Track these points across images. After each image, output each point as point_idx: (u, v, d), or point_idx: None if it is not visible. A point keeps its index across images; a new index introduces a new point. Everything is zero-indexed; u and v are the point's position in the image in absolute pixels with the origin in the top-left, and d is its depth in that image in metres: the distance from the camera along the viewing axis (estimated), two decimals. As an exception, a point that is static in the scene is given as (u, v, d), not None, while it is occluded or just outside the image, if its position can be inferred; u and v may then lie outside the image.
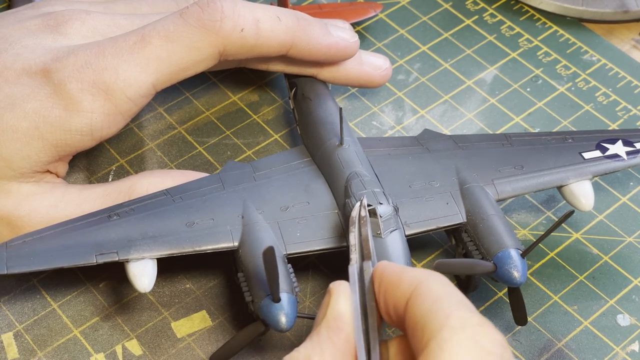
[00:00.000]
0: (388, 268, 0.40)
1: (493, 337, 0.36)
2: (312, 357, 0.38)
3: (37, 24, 0.53)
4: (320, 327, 0.39)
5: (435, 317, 0.36)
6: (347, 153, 0.52)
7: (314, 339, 0.39)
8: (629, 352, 0.50)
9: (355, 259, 0.42)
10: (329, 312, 0.39)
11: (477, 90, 0.62)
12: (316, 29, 0.54)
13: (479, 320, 0.36)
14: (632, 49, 0.65)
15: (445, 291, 0.38)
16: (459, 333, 0.35)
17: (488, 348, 0.35)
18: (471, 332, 0.35)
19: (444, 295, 0.37)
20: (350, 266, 0.42)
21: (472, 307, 0.37)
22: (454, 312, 0.36)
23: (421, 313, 0.37)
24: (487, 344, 0.35)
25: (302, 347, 0.39)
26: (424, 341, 0.36)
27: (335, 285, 0.40)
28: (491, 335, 0.36)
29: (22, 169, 0.50)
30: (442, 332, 0.35)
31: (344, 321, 0.39)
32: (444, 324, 0.36)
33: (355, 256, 0.42)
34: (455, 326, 0.35)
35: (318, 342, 0.39)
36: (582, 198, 0.52)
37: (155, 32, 0.51)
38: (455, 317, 0.36)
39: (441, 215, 0.51)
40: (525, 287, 0.52)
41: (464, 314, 0.36)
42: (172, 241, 0.49)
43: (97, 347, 0.50)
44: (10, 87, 0.50)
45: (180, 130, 0.60)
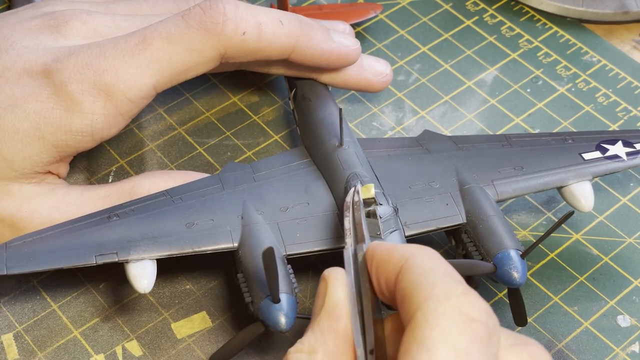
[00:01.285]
0: (379, 246, 0.40)
1: (478, 305, 0.36)
2: (317, 348, 0.38)
3: (38, 24, 0.53)
4: (320, 317, 0.39)
5: (421, 289, 0.36)
6: (347, 154, 0.52)
7: (316, 330, 0.39)
8: (629, 352, 0.50)
9: (350, 242, 0.42)
10: (327, 301, 0.39)
11: (477, 91, 0.62)
12: (318, 34, 0.54)
13: (464, 289, 0.36)
14: (632, 50, 0.65)
15: (433, 264, 0.38)
16: (443, 303, 0.35)
17: (473, 316, 0.36)
18: (455, 301, 0.36)
19: (431, 267, 0.37)
20: (345, 250, 0.42)
21: (459, 277, 0.38)
22: (439, 283, 0.36)
23: (409, 286, 0.37)
24: (471, 312, 0.36)
25: (305, 338, 0.39)
26: (411, 313, 0.36)
27: (330, 272, 0.40)
28: (476, 304, 0.36)
29: (24, 169, 0.50)
30: (427, 303, 0.36)
31: (343, 309, 0.39)
32: (429, 295, 0.36)
33: (350, 240, 0.42)
34: (439, 296, 0.36)
35: (320, 333, 0.39)
36: (582, 199, 0.52)
37: (156, 33, 0.51)
38: (439, 287, 0.36)
39: (441, 216, 0.51)
40: (525, 287, 0.52)
41: (449, 284, 0.36)
42: (172, 242, 0.49)
43: (97, 348, 0.50)
44: (11, 88, 0.50)
45: (181, 131, 0.60)
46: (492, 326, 0.36)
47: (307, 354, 0.38)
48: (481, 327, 0.36)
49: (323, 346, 0.38)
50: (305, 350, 0.38)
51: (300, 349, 0.39)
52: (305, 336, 0.39)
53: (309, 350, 0.38)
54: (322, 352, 0.38)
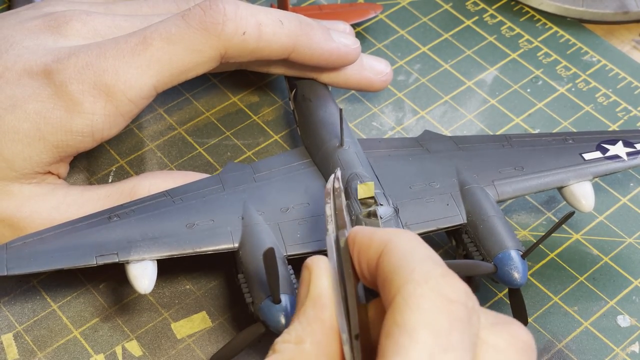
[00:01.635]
0: (360, 231, 0.40)
1: (456, 287, 0.36)
2: (304, 338, 0.38)
3: (38, 24, 0.53)
4: (306, 306, 0.39)
5: (400, 272, 0.36)
6: (347, 154, 0.52)
7: (302, 319, 0.39)
8: (629, 353, 0.50)
9: (331, 229, 0.42)
10: (312, 289, 0.39)
11: (477, 91, 0.62)
12: (318, 34, 0.54)
13: (442, 271, 0.36)
14: (632, 50, 0.65)
15: (412, 246, 0.38)
16: (422, 285, 0.35)
17: (451, 297, 0.36)
18: (434, 283, 0.36)
19: (411, 250, 0.37)
20: (327, 237, 0.41)
21: (439, 259, 0.38)
22: (417, 266, 0.36)
23: (389, 269, 0.37)
24: (450, 293, 0.36)
25: (292, 328, 0.39)
26: (391, 296, 0.36)
27: (313, 260, 0.40)
28: (454, 285, 0.36)
29: (24, 170, 0.50)
30: (406, 286, 0.36)
31: (328, 297, 0.39)
32: (408, 278, 0.36)
33: (331, 227, 0.42)
34: (418, 279, 0.36)
35: (307, 322, 0.39)
36: (583, 199, 0.52)
37: (156, 33, 0.51)
38: (418, 270, 0.36)
39: (441, 216, 0.51)
40: (525, 288, 0.52)
41: (427, 266, 0.36)
42: (172, 242, 0.49)
43: (97, 348, 0.50)
44: (11, 88, 0.50)
45: (180, 131, 0.60)
46: (472, 306, 0.36)
47: (295, 344, 0.38)
48: (460, 308, 0.36)
49: (310, 335, 0.38)
50: (293, 341, 0.38)
51: (288, 340, 0.38)
52: (292, 326, 0.39)
53: (297, 341, 0.38)
54: (310, 341, 0.38)
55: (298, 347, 0.38)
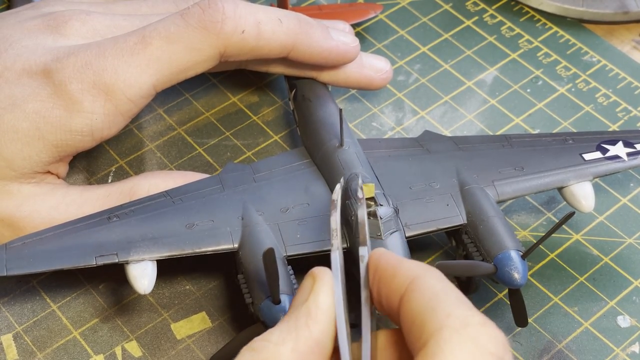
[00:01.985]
0: (384, 258, 0.39)
1: (495, 338, 0.35)
2: (286, 341, 0.37)
3: (37, 24, 0.53)
4: (299, 311, 0.38)
5: (434, 315, 0.35)
6: (347, 154, 0.52)
7: (291, 323, 0.38)
8: (629, 353, 0.50)
9: (336, 245, 0.41)
10: (311, 299, 0.38)
11: (477, 91, 0.62)
12: (317, 32, 0.54)
13: (480, 319, 0.35)
14: (632, 50, 0.65)
15: (444, 287, 0.37)
16: (459, 333, 0.34)
17: (489, 349, 0.35)
18: (473, 332, 0.35)
19: (443, 291, 0.36)
20: (332, 252, 0.40)
21: (471, 304, 0.37)
22: (455, 311, 0.35)
23: (419, 309, 0.36)
24: (488, 344, 0.35)
25: (277, 328, 0.38)
26: (423, 339, 0.35)
27: (320, 272, 0.39)
28: (493, 336, 0.35)
29: (23, 169, 0.50)
30: (442, 332, 0.34)
31: (325, 313, 0.38)
32: (443, 323, 0.35)
33: (336, 242, 0.41)
34: (455, 326, 0.35)
35: (295, 327, 0.38)
36: (583, 199, 0.52)
37: (156, 32, 0.51)
38: (455, 316, 0.35)
39: (441, 216, 0.51)
40: (525, 288, 0.51)
41: (465, 312, 0.35)
42: (172, 243, 0.48)
43: (96, 348, 0.50)
44: (10, 88, 0.50)
45: (180, 132, 0.60)
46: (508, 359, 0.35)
47: (274, 344, 0.37)
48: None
49: (294, 341, 0.37)
50: (273, 341, 0.37)
51: (268, 339, 0.38)
52: (277, 327, 0.38)
53: (277, 342, 0.37)
54: (291, 347, 0.37)
55: (276, 348, 0.37)
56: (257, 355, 0.37)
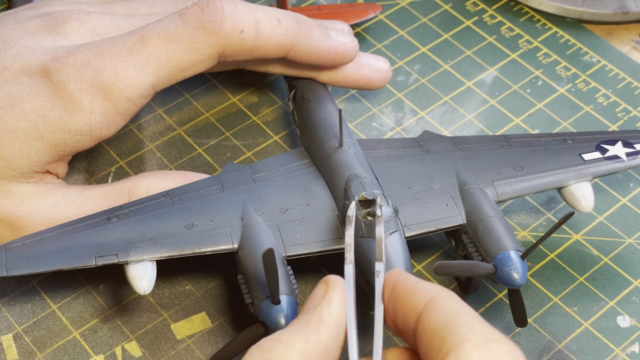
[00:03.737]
0: (402, 277, 0.40)
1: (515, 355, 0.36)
2: (295, 343, 0.38)
3: (36, 24, 0.53)
4: (311, 315, 0.39)
5: (455, 330, 0.36)
6: (347, 155, 0.52)
7: (301, 326, 0.38)
8: (629, 353, 0.50)
9: (350, 259, 0.42)
10: (323, 305, 0.39)
11: (477, 92, 0.62)
12: (316, 32, 0.54)
13: (501, 337, 0.36)
14: (632, 50, 0.65)
15: (463, 306, 0.38)
16: (481, 348, 0.35)
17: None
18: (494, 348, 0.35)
19: (463, 309, 0.37)
20: (346, 266, 0.41)
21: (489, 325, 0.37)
22: (476, 327, 0.36)
23: (439, 325, 0.37)
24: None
25: (287, 330, 0.38)
26: (443, 353, 0.35)
27: (334, 280, 0.40)
28: (513, 352, 0.36)
29: (22, 169, 0.50)
30: (463, 346, 0.35)
31: (336, 320, 0.39)
32: (465, 338, 0.35)
33: (350, 256, 0.42)
34: (477, 341, 0.35)
35: (305, 330, 0.38)
36: (582, 199, 0.52)
37: (154, 32, 0.51)
38: (477, 331, 0.36)
39: (441, 216, 0.51)
40: (525, 288, 0.52)
41: (486, 329, 0.36)
42: (172, 243, 0.48)
43: (96, 348, 0.50)
44: (9, 87, 0.50)
45: (180, 132, 0.60)
46: None
47: (283, 345, 0.37)
48: None
49: (302, 343, 0.38)
50: (282, 341, 0.38)
51: (277, 339, 0.38)
52: (287, 328, 0.39)
53: (286, 342, 0.38)
54: (299, 349, 0.37)
55: (284, 348, 0.37)
56: (265, 355, 0.37)
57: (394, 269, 0.41)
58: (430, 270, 0.53)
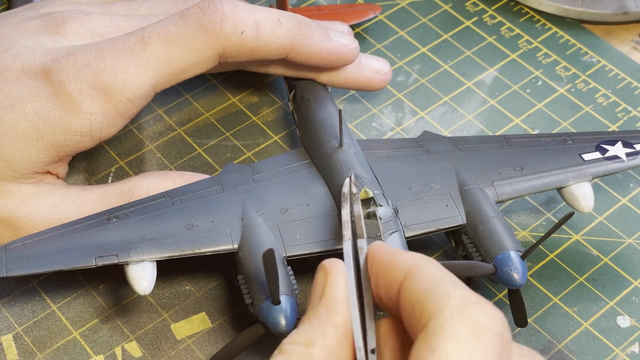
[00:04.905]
0: (382, 249, 0.39)
1: (494, 316, 0.36)
2: (314, 341, 0.37)
3: (37, 24, 0.53)
4: (319, 308, 0.38)
5: (434, 296, 0.36)
6: (347, 155, 0.52)
7: (314, 322, 0.38)
8: (629, 353, 0.50)
9: (348, 235, 0.41)
10: (327, 293, 0.39)
11: (477, 92, 0.62)
12: (317, 34, 0.54)
13: (479, 299, 0.36)
14: (631, 50, 0.65)
15: (442, 272, 0.37)
16: (459, 311, 0.35)
17: (489, 326, 0.35)
18: (472, 311, 0.35)
19: (442, 275, 0.37)
20: (344, 243, 0.41)
21: (467, 287, 0.37)
22: (454, 291, 0.36)
23: (419, 293, 0.36)
24: (488, 322, 0.35)
25: (302, 329, 0.38)
26: (424, 320, 0.35)
27: (331, 263, 0.40)
28: (492, 314, 0.36)
29: (22, 169, 0.50)
30: (442, 311, 0.35)
31: (344, 304, 0.38)
32: (444, 303, 0.35)
33: (348, 233, 0.41)
34: (455, 305, 0.35)
35: (318, 325, 0.38)
36: (582, 199, 0.52)
37: (155, 33, 0.51)
38: (455, 295, 0.36)
39: (441, 217, 0.51)
40: (525, 288, 0.52)
41: (464, 292, 0.36)
42: (172, 244, 0.49)
43: (96, 348, 0.50)
44: (9, 88, 0.50)
45: (180, 132, 0.60)
46: (507, 338, 0.36)
47: (304, 346, 0.37)
48: (497, 339, 0.35)
49: (321, 339, 0.37)
50: (302, 343, 0.37)
51: (296, 341, 0.38)
52: (302, 327, 0.38)
53: (306, 343, 0.37)
54: (320, 345, 0.37)
55: (307, 350, 0.37)
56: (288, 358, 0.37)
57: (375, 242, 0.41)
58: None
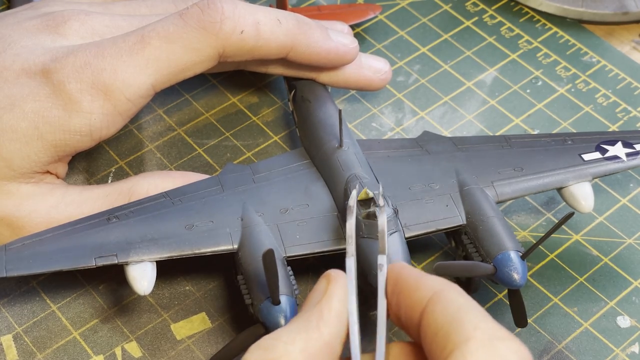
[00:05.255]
0: (405, 269, 0.39)
1: (521, 353, 0.35)
2: (296, 341, 0.37)
3: (36, 24, 0.53)
4: (311, 312, 0.38)
5: (460, 327, 0.36)
6: (347, 155, 0.52)
7: (301, 323, 0.38)
8: (629, 353, 0.50)
9: (351, 251, 0.41)
10: (324, 301, 0.39)
11: (477, 92, 0.62)
12: (316, 33, 0.54)
13: (506, 334, 0.36)
14: (632, 51, 0.65)
15: (468, 301, 0.37)
16: (486, 346, 0.35)
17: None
18: (499, 346, 0.35)
19: (468, 305, 0.37)
20: (348, 259, 0.41)
21: (493, 319, 0.37)
22: (481, 324, 0.36)
23: (443, 321, 0.36)
24: (514, 359, 0.35)
25: (288, 328, 0.38)
26: (447, 350, 0.35)
27: (336, 274, 0.40)
28: (519, 351, 0.35)
29: (22, 169, 0.50)
30: (468, 343, 0.35)
31: (337, 316, 0.38)
32: (470, 335, 0.35)
33: (351, 249, 0.41)
34: (482, 338, 0.35)
35: (305, 328, 0.38)
36: (582, 200, 0.52)
37: (154, 32, 0.51)
38: (482, 329, 0.35)
39: (441, 217, 0.51)
40: (525, 288, 0.52)
41: (491, 325, 0.36)
42: (172, 244, 0.48)
43: (96, 349, 0.50)
44: (9, 88, 0.50)
45: (180, 132, 0.60)
46: None
47: (284, 343, 0.37)
48: None
49: (303, 342, 0.37)
50: (283, 340, 0.37)
51: (278, 337, 0.38)
52: (288, 326, 0.38)
53: (287, 341, 0.37)
54: (300, 347, 0.37)
55: (285, 347, 0.37)
56: (266, 354, 0.37)
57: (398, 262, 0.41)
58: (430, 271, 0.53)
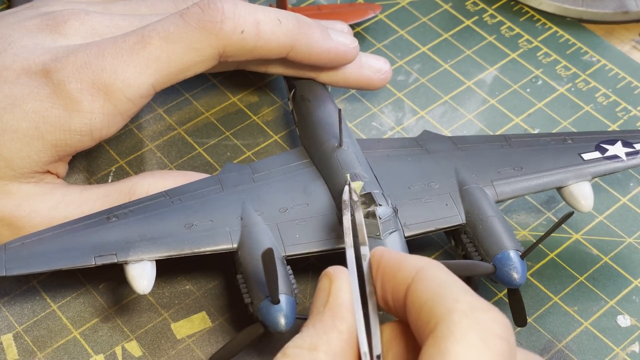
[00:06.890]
0: (386, 253, 0.40)
1: (501, 322, 0.36)
2: (319, 346, 0.38)
3: (36, 24, 0.53)
4: (324, 314, 0.39)
5: (442, 301, 0.36)
6: (346, 154, 0.52)
7: (318, 327, 0.38)
8: (629, 352, 0.50)
9: (349, 243, 0.42)
10: (332, 299, 0.39)
11: (477, 91, 0.62)
12: (317, 33, 0.54)
13: (487, 305, 0.36)
14: (632, 50, 0.65)
15: (449, 276, 0.38)
16: (468, 316, 0.35)
17: (497, 332, 0.36)
18: (480, 316, 0.36)
19: (449, 280, 0.37)
20: (347, 250, 0.41)
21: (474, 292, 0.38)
22: (462, 296, 0.36)
23: (426, 297, 0.37)
24: (496, 327, 0.36)
25: (306, 334, 0.38)
26: (431, 324, 0.36)
27: (336, 270, 0.40)
28: (499, 320, 0.36)
29: (22, 169, 0.50)
30: (451, 315, 0.35)
31: (349, 310, 0.39)
32: (452, 308, 0.36)
33: (349, 240, 0.42)
34: (464, 309, 0.36)
35: (323, 330, 0.38)
36: (582, 199, 0.52)
37: (155, 32, 0.51)
38: (463, 300, 0.36)
39: (440, 216, 0.51)
40: (525, 288, 0.52)
41: (472, 297, 0.36)
42: (171, 243, 0.49)
43: (96, 348, 0.50)
44: (9, 88, 0.50)
45: (180, 131, 0.60)
46: (513, 343, 0.36)
47: (308, 350, 0.38)
48: (504, 344, 0.36)
49: (326, 344, 0.38)
50: (306, 347, 0.38)
51: (300, 345, 0.38)
52: (305, 332, 0.39)
53: (310, 347, 0.38)
54: (324, 350, 0.38)
55: (311, 354, 0.37)
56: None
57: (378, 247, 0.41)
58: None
